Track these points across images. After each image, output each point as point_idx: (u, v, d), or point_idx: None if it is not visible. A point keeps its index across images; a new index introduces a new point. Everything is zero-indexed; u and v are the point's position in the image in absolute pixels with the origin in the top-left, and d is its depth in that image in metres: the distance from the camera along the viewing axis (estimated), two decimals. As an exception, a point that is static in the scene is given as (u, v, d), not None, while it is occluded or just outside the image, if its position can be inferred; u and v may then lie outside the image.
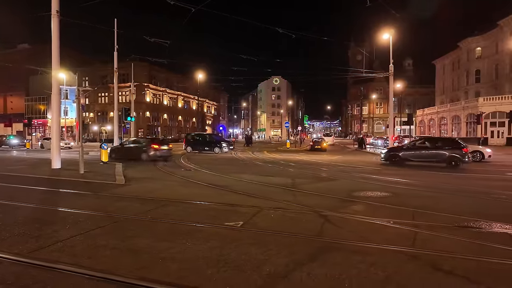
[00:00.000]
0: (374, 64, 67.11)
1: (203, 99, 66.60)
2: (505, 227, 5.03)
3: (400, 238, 4.56)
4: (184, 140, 27.25)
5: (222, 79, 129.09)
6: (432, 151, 15.44)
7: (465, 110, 43.17)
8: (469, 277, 3.27)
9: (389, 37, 23.49)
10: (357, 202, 7.01)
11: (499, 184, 9.81)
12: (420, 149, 15.82)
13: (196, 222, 5.36)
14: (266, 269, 3.49)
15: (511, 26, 41.02)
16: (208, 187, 9.04)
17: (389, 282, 3.17)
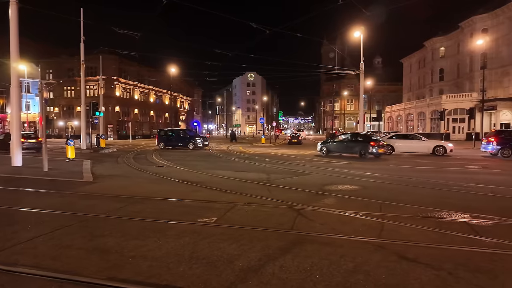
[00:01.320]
0: (346, 61, 68.83)
1: (176, 94, 65.16)
2: (464, 216, 5.37)
3: (368, 229, 4.74)
4: (156, 136, 26.50)
5: (196, 73, 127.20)
6: (349, 144, 17.98)
7: (430, 107, 45.51)
8: (432, 264, 3.47)
9: (360, 35, 24.15)
10: (328, 196, 7.19)
11: (459, 176, 10.45)
12: (342, 142, 18.48)
13: (168, 219, 5.25)
14: (239, 264, 3.50)
15: (471, 28, 43.59)
16: (181, 183, 8.89)
17: (357, 272, 3.29)
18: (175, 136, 25.56)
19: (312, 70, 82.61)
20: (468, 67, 44.88)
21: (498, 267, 3.42)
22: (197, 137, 26.13)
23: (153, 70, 57.17)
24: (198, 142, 24.49)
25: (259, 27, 15.41)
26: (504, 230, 4.74)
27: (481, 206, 6.12)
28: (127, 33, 17.34)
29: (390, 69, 73.97)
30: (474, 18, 42.93)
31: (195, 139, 24.78)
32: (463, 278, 3.15)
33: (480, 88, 31.79)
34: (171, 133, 26.17)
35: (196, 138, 25.34)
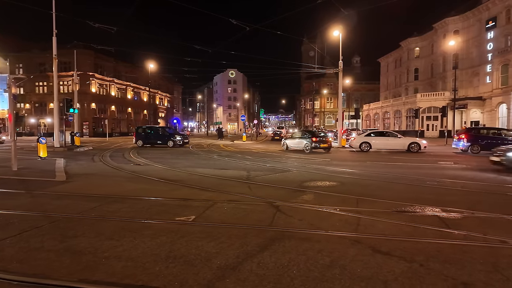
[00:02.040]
0: (326, 60, 69.85)
1: (155, 90, 63.89)
2: (436, 210, 5.59)
3: (345, 224, 4.83)
4: (134, 134, 25.84)
5: (176, 70, 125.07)
6: (300, 139, 20.23)
7: (405, 105, 47.05)
8: (404, 257, 3.58)
9: (339, 35, 24.55)
10: (307, 192, 7.28)
11: (432, 172, 10.88)
12: (295, 138, 21.04)
13: (145, 218, 5.14)
14: (217, 262, 3.47)
15: (444, 30, 45.35)
16: (159, 182, 8.72)
17: (333, 266, 3.34)
18: (154, 134, 25.03)
19: (293, 68, 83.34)
20: (441, 67, 46.72)
21: (466, 257, 3.57)
22: (177, 134, 25.70)
23: (130, 66, 55.73)
24: (178, 140, 24.10)
25: (239, 23, 15.33)
26: (472, 223, 4.96)
27: (452, 200, 6.39)
28: (103, 28, 16.78)
29: (368, 68, 75.83)
30: (446, 20, 44.68)
31: (175, 137, 24.36)
32: (433, 269, 3.27)
33: (452, 87, 33.21)
34: (150, 130, 25.60)
35: (176, 135, 24.92)
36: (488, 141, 17.55)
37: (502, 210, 5.60)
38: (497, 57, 35.55)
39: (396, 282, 3.00)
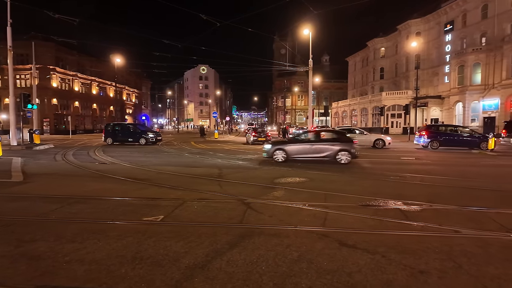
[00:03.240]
0: (296, 58, 70.79)
1: (122, 86, 61.46)
2: (397, 204, 5.89)
3: (313, 219, 4.96)
4: (103, 131, 24.66)
5: (144, 65, 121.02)
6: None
7: (372, 103, 48.98)
8: (368, 249, 3.75)
9: (309, 34, 24.98)
10: (278, 188, 7.37)
11: (395, 167, 11.44)
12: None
13: (110, 219, 4.95)
14: (185, 261, 3.43)
15: (407, 31, 47.62)
16: (126, 181, 8.43)
17: (301, 261, 3.43)
18: (125, 131, 23.93)
19: (265, 66, 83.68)
20: (405, 66, 49.09)
21: (423, 247, 3.81)
22: (149, 131, 24.86)
23: (95, 60, 53.05)
24: (150, 137, 23.20)
25: (210, 19, 15.12)
26: (430, 214, 5.29)
27: (412, 194, 6.77)
28: (64, 19, 15.84)
29: (337, 67, 77.91)
30: (409, 22, 46.94)
31: (147, 134, 23.46)
32: (394, 260, 3.45)
33: (414, 86, 35.01)
34: (120, 127, 24.55)
35: (148, 132, 24.09)
36: (446, 138, 18.79)
37: (457, 202, 6.02)
38: (454, 59, 37.96)
39: (360, 274, 3.14)
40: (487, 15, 35.20)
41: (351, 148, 12.03)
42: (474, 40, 36.83)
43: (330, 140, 12.57)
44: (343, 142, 12.26)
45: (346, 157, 11.99)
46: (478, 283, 2.96)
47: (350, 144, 12.17)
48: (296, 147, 12.47)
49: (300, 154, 12.39)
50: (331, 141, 12.47)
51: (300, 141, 12.88)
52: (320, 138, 12.84)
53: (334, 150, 12.05)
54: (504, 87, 31.73)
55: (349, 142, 12.35)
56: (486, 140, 17.84)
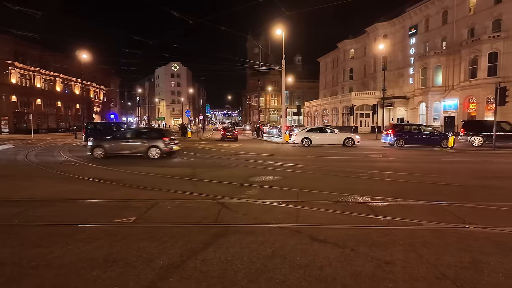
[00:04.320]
0: (270, 58, 71.36)
1: (88, 83, 58.79)
2: (366, 199, 6.18)
3: (287, 216, 5.09)
4: (83, 131, 23.39)
5: (113, 61, 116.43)
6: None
7: (342, 103, 50.52)
8: (338, 243, 3.92)
9: (282, 34, 25.30)
10: (252, 187, 7.45)
11: (363, 164, 11.93)
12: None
13: (79, 222, 4.78)
14: (160, 262, 3.41)
15: (375, 34, 49.57)
16: (95, 182, 8.13)
17: (275, 257, 3.52)
18: (107, 130, 22.81)
19: (238, 65, 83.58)
20: (373, 68, 51.08)
21: (390, 240, 4.05)
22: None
23: (60, 55, 50.29)
24: None
25: (182, 16, 14.88)
26: (395, 209, 5.60)
27: (379, 189, 7.12)
28: (25, 11, 14.89)
29: (309, 67, 79.50)
30: (377, 25, 48.89)
31: None
32: (362, 253, 3.64)
33: (381, 87, 36.57)
34: (102, 126, 23.40)
35: None
36: (411, 136, 19.83)
37: (420, 197, 6.42)
38: (417, 61, 40.06)
39: (330, 267, 3.29)
40: (447, 21, 37.49)
41: (160, 145, 13.22)
42: (436, 44, 39.08)
43: (144, 137, 13.68)
44: (153, 139, 13.43)
45: (156, 153, 13.18)
46: (437, 271, 3.20)
47: (160, 141, 13.32)
48: (113, 145, 13.35)
49: (117, 150, 13.31)
50: (144, 138, 13.60)
51: (119, 139, 13.69)
52: (136, 135, 13.98)
53: (146, 146, 13.21)
54: (462, 89, 33.98)
55: (159, 139, 13.45)
56: (446, 138, 19.05)
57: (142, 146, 13.23)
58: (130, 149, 13.30)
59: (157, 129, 15.99)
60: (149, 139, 13.41)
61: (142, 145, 13.25)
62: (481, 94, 31.73)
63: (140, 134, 14.09)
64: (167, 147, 13.45)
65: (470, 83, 32.90)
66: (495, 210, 5.46)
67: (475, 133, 20.08)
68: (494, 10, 31.87)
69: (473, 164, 12.26)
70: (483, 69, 31.65)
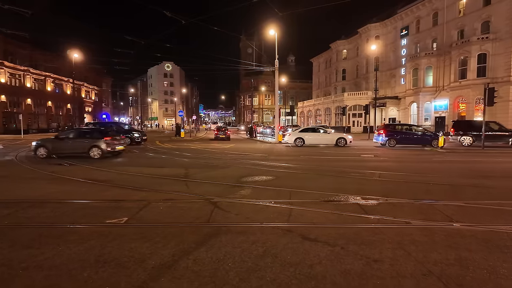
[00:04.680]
0: (263, 58, 71.53)
1: (80, 82, 58.18)
2: (357, 199, 6.27)
3: (278, 216, 5.14)
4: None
5: (105, 61, 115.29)
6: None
7: (335, 103, 50.86)
8: (328, 242, 3.98)
9: (275, 34, 25.38)
10: (245, 187, 7.49)
11: (355, 164, 12.06)
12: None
13: (70, 223, 4.76)
14: (152, 262, 3.42)
15: (367, 35, 50.02)
16: (86, 183, 8.08)
17: (266, 256, 3.57)
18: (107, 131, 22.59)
19: (232, 65, 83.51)
20: (365, 68, 51.54)
21: (379, 238, 4.12)
22: (134, 131, 23.76)
23: (51, 54, 49.59)
24: (136, 137, 22.06)
25: (174, 16, 14.84)
26: (385, 208, 5.70)
27: (370, 189, 7.22)
28: (15, 10, 14.68)
29: (302, 67, 79.85)
30: (369, 26, 49.34)
31: (132, 134, 22.29)
32: (352, 251, 3.70)
33: (373, 87, 36.93)
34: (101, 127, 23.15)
35: (133, 132, 22.94)
36: (402, 136, 20.09)
37: (410, 196, 6.53)
38: (409, 62, 40.55)
39: (320, 265, 3.34)
40: (438, 22, 38.03)
41: (102, 145, 13.30)
42: (427, 45, 39.61)
43: (87, 137, 13.76)
44: (95, 139, 13.50)
45: (97, 153, 13.29)
46: (424, 268, 3.29)
47: (102, 141, 13.39)
48: (56, 144, 13.46)
49: (60, 150, 13.43)
50: (86, 138, 13.68)
51: (62, 139, 13.76)
52: (78, 135, 13.99)
53: (87, 146, 13.34)
54: (452, 89, 34.51)
55: (101, 139, 13.50)
56: (437, 138, 19.34)
57: (83, 146, 13.33)
58: (73, 149, 13.43)
59: (100, 129, 16.01)
60: (91, 139, 13.51)
61: (84, 145, 13.36)
62: (471, 94, 32.27)
63: (83, 134, 14.18)
64: (109, 147, 13.49)
65: (460, 83, 33.44)
66: (482, 209, 5.59)
67: (464, 133, 20.44)
68: (483, 12, 32.45)
69: (462, 164, 12.49)
70: (472, 70, 32.20)
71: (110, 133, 14.50)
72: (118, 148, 14.16)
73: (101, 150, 13.28)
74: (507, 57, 30.17)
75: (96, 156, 13.24)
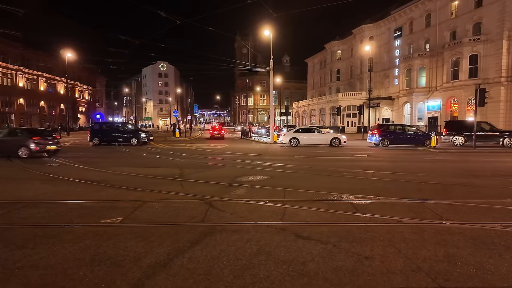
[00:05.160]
0: (258, 58, 71.64)
1: (73, 82, 57.74)
2: (350, 198, 6.36)
3: (273, 215, 5.21)
4: (89, 131, 22.91)
5: (99, 60, 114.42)
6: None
7: (329, 103, 51.16)
8: (321, 240, 4.06)
9: (269, 35, 25.48)
10: (239, 187, 7.54)
11: (349, 164, 12.19)
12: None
13: (65, 223, 4.78)
14: (147, 260, 3.47)
15: (361, 35, 50.39)
16: (81, 183, 8.07)
17: (260, 254, 3.63)
18: (114, 130, 22.29)
19: (227, 65, 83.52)
20: (359, 69, 51.93)
21: (370, 236, 4.21)
22: (141, 131, 23.61)
23: (43, 54, 49.18)
24: (143, 137, 21.93)
25: (169, 16, 14.84)
26: (377, 207, 5.80)
27: (363, 188, 7.32)
28: (6, 9, 14.56)
29: (297, 67, 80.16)
30: (363, 27, 49.72)
31: (139, 134, 22.18)
32: (344, 249, 3.79)
33: (367, 88, 37.25)
34: (108, 126, 22.98)
35: (140, 132, 22.81)
36: (395, 136, 20.32)
37: (401, 195, 6.65)
38: (402, 62, 40.98)
39: (313, 262, 3.42)
40: (430, 24, 38.48)
41: (30, 144, 13.23)
42: (420, 46, 40.06)
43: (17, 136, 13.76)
44: (24, 139, 13.47)
45: (25, 152, 13.29)
46: (413, 264, 3.38)
47: (30, 141, 13.30)
48: None
49: None
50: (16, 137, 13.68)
51: None
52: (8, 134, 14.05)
53: (16, 145, 13.35)
54: (445, 90, 34.95)
55: (29, 138, 13.40)
56: (429, 138, 19.60)
57: (12, 146, 13.33)
58: (2, 148, 13.39)
59: (31, 129, 15.99)
60: (21, 139, 13.48)
61: (12, 144, 13.36)
62: (463, 95, 32.72)
63: (13, 133, 14.13)
64: (38, 146, 13.40)
65: (452, 84, 33.88)
66: (471, 207, 5.72)
67: (456, 133, 20.74)
68: (475, 14, 32.93)
69: (454, 163, 12.69)
70: (464, 71, 32.65)
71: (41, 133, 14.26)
72: (49, 148, 13.91)
73: (29, 150, 13.21)
74: (498, 58, 30.67)
75: (24, 155, 13.18)
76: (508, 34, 30.14)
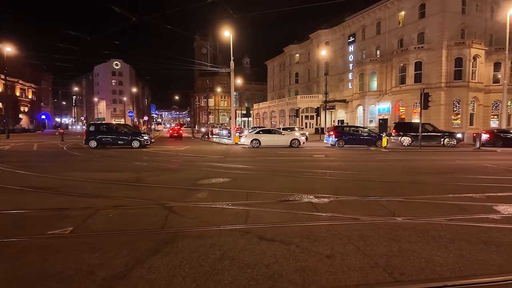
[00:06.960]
0: (218, 58, 71.10)
1: (14, 79, 52.58)
2: (310, 197, 6.52)
3: (236, 218, 5.16)
4: (84, 132, 20.69)
5: (44, 57, 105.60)
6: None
7: (288, 105, 52.40)
8: (284, 241, 4.09)
9: (230, 36, 25.40)
10: (201, 190, 7.37)
11: (308, 164, 12.55)
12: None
13: (4, 237, 4.28)
14: (102, 273, 3.22)
15: (318, 40, 52.36)
16: (24, 191, 7.32)
17: (224, 259, 3.56)
18: (113, 132, 20.52)
19: (186, 64, 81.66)
20: (316, 72, 53.89)
21: (331, 235, 4.34)
22: (143, 133, 22.12)
23: (-24, 47, 44.02)
24: (145, 140, 20.55)
25: (124, 12, 14.10)
26: (336, 205, 6.01)
27: (322, 187, 7.57)
28: None
29: (257, 69, 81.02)
30: (319, 32, 51.72)
31: (141, 136, 20.72)
32: (306, 248, 3.86)
33: (324, 91, 38.77)
34: (106, 128, 20.94)
35: (142, 134, 21.33)
36: (350, 137, 21.38)
37: (358, 193, 6.97)
38: (355, 67, 43.30)
39: (277, 264, 3.43)
40: (381, 31, 41.16)
41: None
42: (371, 52, 42.64)
43: None
44: None
45: None
46: (371, 261, 3.54)
47: None
48: None
49: None
50: None
51: None
52: None
53: None
54: (393, 93, 37.57)
55: None
56: (380, 139, 20.92)
57: None
58: None
59: None
60: None
61: None
62: (409, 98, 35.44)
63: None
64: None
65: (400, 88, 36.53)
66: (420, 203, 6.18)
67: (404, 134, 22.38)
68: (419, 24, 35.87)
69: (403, 162, 13.65)
70: (410, 76, 35.40)
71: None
72: None
73: None
74: (439, 65, 33.70)
75: None
76: (447, 43, 33.28)
